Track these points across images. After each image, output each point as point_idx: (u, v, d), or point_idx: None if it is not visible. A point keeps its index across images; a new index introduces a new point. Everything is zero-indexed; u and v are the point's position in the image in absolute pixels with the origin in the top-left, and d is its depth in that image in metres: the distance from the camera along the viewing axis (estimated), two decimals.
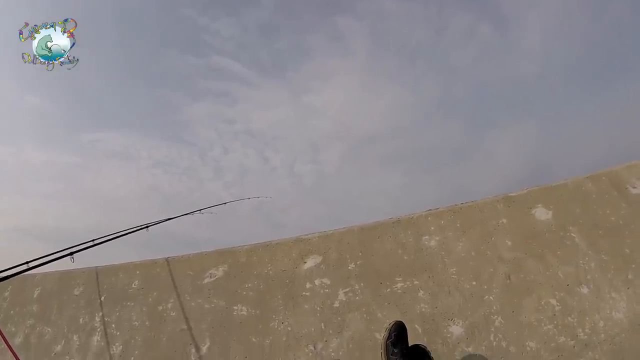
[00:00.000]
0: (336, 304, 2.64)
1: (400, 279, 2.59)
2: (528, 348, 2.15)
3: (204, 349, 2.78)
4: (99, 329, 3.18)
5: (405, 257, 2.65)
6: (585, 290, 2.23)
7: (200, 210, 4.79)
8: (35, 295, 3.61)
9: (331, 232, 2.97)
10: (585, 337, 2.10)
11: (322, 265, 2.82)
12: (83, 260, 3.13)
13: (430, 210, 2.81)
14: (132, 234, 3.66)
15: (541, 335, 2.17)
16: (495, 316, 2.30)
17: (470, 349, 2.24)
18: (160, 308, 3.09)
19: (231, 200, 5.70)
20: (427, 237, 2.69)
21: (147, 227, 3.84)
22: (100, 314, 3.25)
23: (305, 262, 2.87)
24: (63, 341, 3.22)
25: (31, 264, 2.80)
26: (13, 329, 3.44)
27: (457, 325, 2.33)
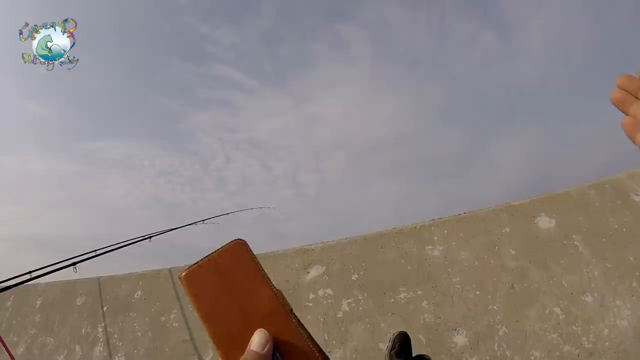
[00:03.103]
0: (340, 315, 2.63)
1: (403, 289, 2.58)
2: (532, 357, 2.14)
3: (207, 359, 2.77)
4: (101, 340, 3.17)
5: (409, 267, 2.65)
6: (589, 298, 2.22)
7: (203, 220, 4.81)
8: (37, 305, 3.60)
9: (334, 242, 2.97)
10: (590, 345, 2.09)
11: (325, 276, 2.82)
12: (85, 270, 3.14)
13: (433, 219, 2.81)
14: (134, 244, 3.67)
15: (545, 344, 2.16)
16: (500, 325, 2.29)
17: (474, 359, 2.22)
18: (163, 318, 3.08)
19: (234, 210, 5.73)
20: (430, 246, 2.69)
21: (150, 237, 3.84)
22: (103, 324, 3.24)
23: (308, 273, 2.87)
24: (65, 351, 3.21)
25: (34, 274, 2.80)
26: (15, 339, 3.43)
27: (461, 335, 2.32)
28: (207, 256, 0.51)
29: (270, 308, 0.47)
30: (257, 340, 0.43)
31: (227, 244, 0.52)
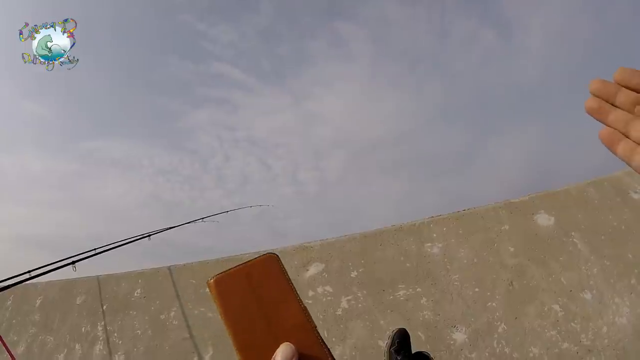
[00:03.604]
0: (339, 312, 2.63)
1: (402, 286, 2.59)
2: (531, 354, 2.15)
3: (207, 357, 2.77)
4: (101, 338, 3.17)
5: (408, 264, 2.65)
6: (588, 295, 2.22)
7: (202, 218, 4.81)
8: (37, 304, 3.60)
9: (333, 239, 2.98)
10: (589, 342, 2.09)
11: (324, 273, 2.82)
12: (85, 269, 3.14)
13: (432, 217, 2.82)
14: (133, 242, 3.67)
15: (544, 341, 2.16)
16: (499, 322, 2.29)
17: (473, 356, 2.23)
18: (162, 317, 3.09)
19: (233, 208, 5.72)
20: (429, 244, 2.69)
21: (149, 235, 3.84)
22: (103, 322, 3.25)
23: (307, 270, 2.87)
24: (65, 350, 3.21)
25: (33, 273, 2.80)
26: (15, 338, 3.43)
27: (460, 332, 2.33)
28: (238, 265, 0.51)
29: (297, 322, 0.47)
30: (283, 352, 0.42)
31: (259, 256, 0.52)
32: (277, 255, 0.52)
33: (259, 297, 0.48)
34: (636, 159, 0.45)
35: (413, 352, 2.01)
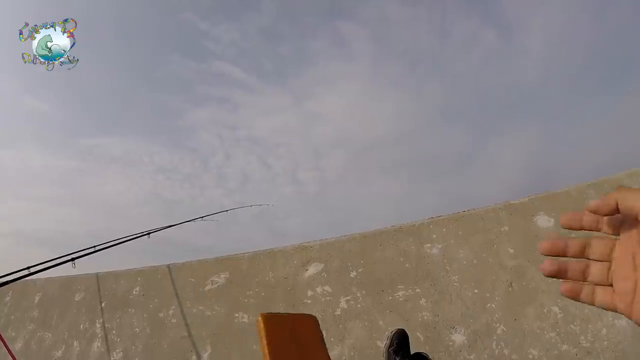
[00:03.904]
0: (338, 312, 2.63)
1: (402, 286, 2.58)
2: (530, 356, 2.14)
3: (205, 356, 2.77)
4: (99, 335, 3.17)
5: (407, 265, 2.65)
6: None
7: (202, 217, 4.78)
8: (36, 301, 3.60)
9: (333, 239, 2.97)
10: (588, 344, 2.09)
11: (323, 273, 2.82)
12: (84, 266, 3.13)
13: (432, 218, 2.81)
14: (133, 240, 3.66)
15: (543, 343, 2.16)
16: (498, 324, 2.29)
17: (472, 357, 2.23)
18: (161, 315, 3.09)
19: (233, 207, 5.70)
20: (429, 245, 2.68)
21: (149, 233, 3.83)
22: (101, 320, 3.25)
23: (307, 270, 2.87)
24: (63, 347, 3.21)
25: (32, 269, 2.80)
26: (13, 334, 3.43)
27: (459, 333, 2.32)
28: (286, 313, 0.64)
29: None
30: None
31: (302, 314, 0.68)
32: (316, 317, 0.68)
33: (297, 341, 0.59)
34: (597, 299, 0.47)
35: (412, 352, 2.01)
